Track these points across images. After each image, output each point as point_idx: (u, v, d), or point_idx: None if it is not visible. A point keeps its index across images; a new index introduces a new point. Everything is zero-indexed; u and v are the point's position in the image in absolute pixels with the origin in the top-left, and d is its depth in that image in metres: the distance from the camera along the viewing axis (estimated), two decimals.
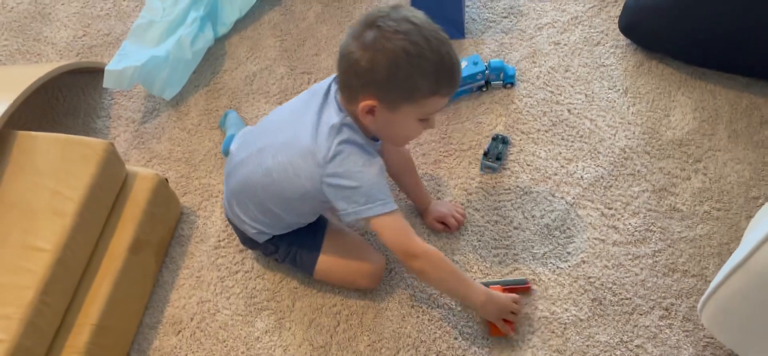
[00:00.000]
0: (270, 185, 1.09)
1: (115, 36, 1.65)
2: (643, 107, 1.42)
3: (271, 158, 1.08)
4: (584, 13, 1.60)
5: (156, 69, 1.43)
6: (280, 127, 1.11)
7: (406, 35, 0.97)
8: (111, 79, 1.39)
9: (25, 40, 1.66)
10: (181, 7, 1.52)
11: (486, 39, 1.57)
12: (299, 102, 1.12)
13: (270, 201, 1.12)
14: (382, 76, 0.98)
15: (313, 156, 1.02)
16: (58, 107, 1.53)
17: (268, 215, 1.14)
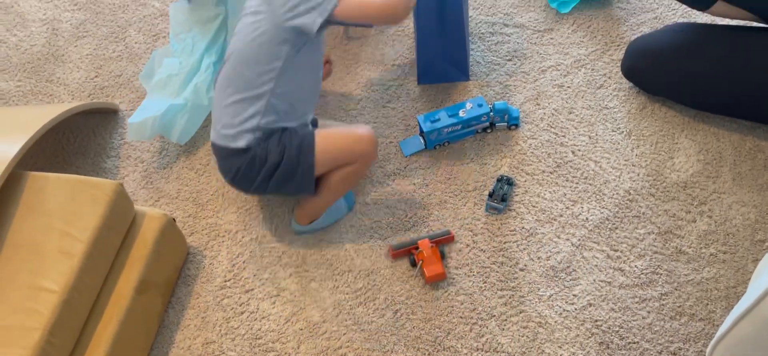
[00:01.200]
0: (246, 56, 1.22)
1: (127, 77, 1.68)
2: (647, 150, 1.43)
3: (239, 40, 1.24)
4: (587, 56, 1.62)
5: (175, 117, 1.47)
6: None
7: None
8: (133, 131, 1.43)
9: (38, 81, 1.69)
10: (196, 56, 1.57)
11: (490, 81, 1.60)
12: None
13: (252, 75, 1.21)
14: None
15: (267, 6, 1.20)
16: (68, 147, 1.55)
17: (256, 98, 1.22)
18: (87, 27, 1.80)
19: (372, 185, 1.43)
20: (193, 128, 1.51)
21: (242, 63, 1.24)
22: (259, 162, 1.23)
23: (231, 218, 1.41)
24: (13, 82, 1.70)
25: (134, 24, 1.80)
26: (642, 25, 1.67)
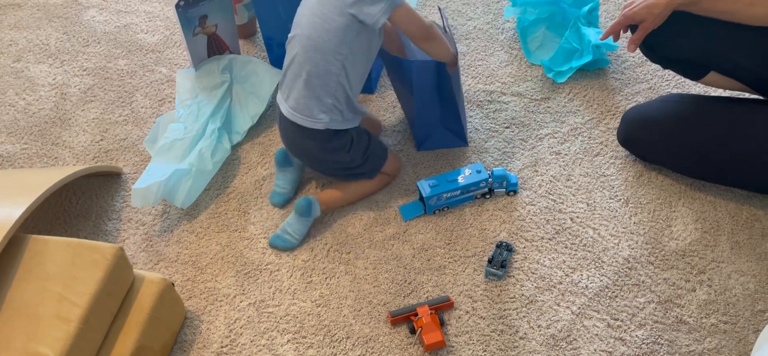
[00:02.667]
0: (318, 47, 1.31)
1: (132, 141, 1.71)
2: (645, 217, 1.44)
3: (308, 26, 1.33)
4: (583, 124, 1.65)
5: (179, 182, 1.49)
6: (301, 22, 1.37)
7: None
8: (138, 197, 1.45)
9: (44, 143, 1.72)
10: (201, 121, 1.60)
11: (489, 148, 1.62)
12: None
13: (327, 67, 1.32)
14: None
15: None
16: (70, 209, 1.56)
17: (322, 94, 1.34)
18: (95, 91, 1.84)
19: (371, 248, 1.44)
20: (197, 192, 1.53)
21: (313, 48, 1.33)
22: (346, 145, 1.42)
23: (229, 281, 1.41)
24: (20, 144, 1.72)
25: (141, 89, 1.84)
26: (637, 95, 1.71)
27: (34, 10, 2.11)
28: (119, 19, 2.06)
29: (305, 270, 1.42)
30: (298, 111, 1.37)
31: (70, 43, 1.99)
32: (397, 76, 1.56)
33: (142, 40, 1.98)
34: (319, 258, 1.43)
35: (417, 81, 1.47)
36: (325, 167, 1.49)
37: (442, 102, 1.53)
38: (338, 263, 1.42)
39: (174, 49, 1.95)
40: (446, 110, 1.56)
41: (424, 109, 1.55)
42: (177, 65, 1.90)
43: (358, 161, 1.45)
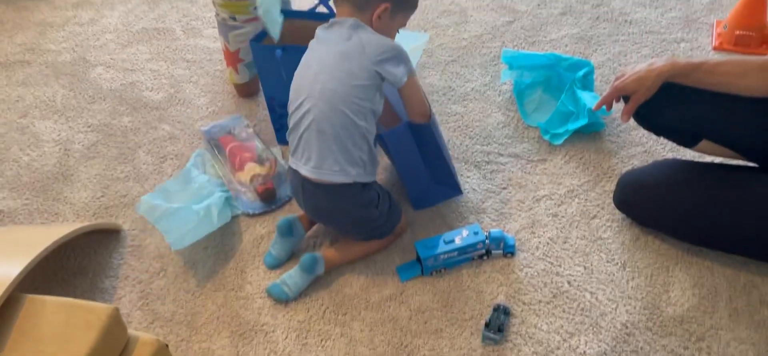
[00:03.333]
0: (345, 100, 1.34)
1: (132, 197, 1.72)
2: (643, 282, 1.44)
3: (332, 84, 1.34)
4: (580, 186, 1.67)
5: (183, 220, 1.50)
6: (316, 77, 1.37)
7: None
8: (144, 206, 1.51)
9: (45, 199, 1.74)
10: (214, 185, 1.68)
11: (486, 208, 1.63)
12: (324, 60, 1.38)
13: (355, 120, 1.35)
14: None
15: (359, 54, 1.33)
16: (68, 266, 1.57)
17: (350, 147, 1.36)
18: (98, 148, 1.87)
19: (368, 310, 1.43)
20: (191, 239, 1.52)
21: (340, 102, 1.35)
22: (362, 202, 1.43)
23: (224, 342, 1.40)
24: (21, 200, 1.74)
25: (144, 146, 1.87)
26: (632, 158, 1.72)
27: (43, 67, 2.17)
28: (125, 77, 2.10)
29: (300, 331, 1.41)
30: (327, 167, 1.37)
31: (76, 99, 2.03)
32: (385, 141, 1.58)
33: (146, 98, 2.02)
34: (315, 320, 1.43)
35: (396, 149, 1.51)
36: (353, 225, 1.48)
37: (427, 159, 1.56)
38: (334, 325, 1.41)
39: (178, 107, 1.98)
40: (433, 165, 1.57)
41: (411, 171, 1.57)
42: (179, 123, 1.93)
43: (383, 218, 1.47)
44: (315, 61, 1.39)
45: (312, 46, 1.43)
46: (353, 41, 1.35)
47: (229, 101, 1.99)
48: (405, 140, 1.50)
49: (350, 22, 1.36)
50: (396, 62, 1.36)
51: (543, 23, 2.23)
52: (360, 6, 1.36)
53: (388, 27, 1.40)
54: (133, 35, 2.30)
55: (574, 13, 2.26)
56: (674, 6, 2.27)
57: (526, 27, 2.21)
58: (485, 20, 2.26)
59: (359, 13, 1.37)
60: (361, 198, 1.42)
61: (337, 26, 1.39)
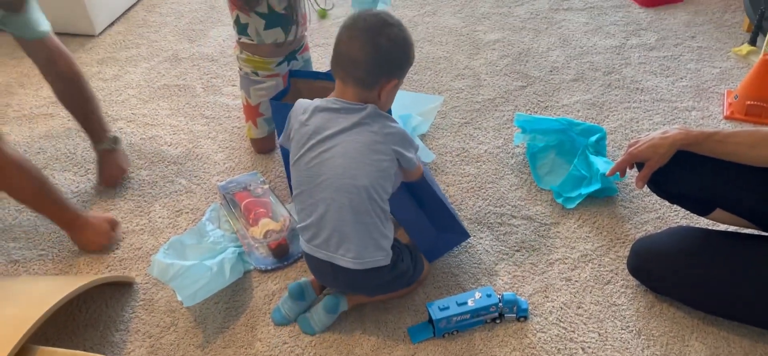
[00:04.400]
0: (370, 191, 1.34)
1: (146, 250, 1.73)
2: (658, 351, 1.42)
3: (360, 179, 1.34)
4: (593, 251, 1.66)
5: (195, 276, 1.50)
6: (336, 170, 1.36)
7: (401, 27, 1.35)
8: (157, 268, 1.50)
9: (60, 250, 1.75)
10: (227, 240, 1.70)
11: (499, 270, 1.62)
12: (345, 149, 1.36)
13: (383, 205, 1.37)
14: (404, 59, 1.37)
15: (384, 145, 1.33)
16: (79, 318, 1.57)
17: (384, 230, 1.38)
18: (115, 201, 1.90)
19: None
20: (204, 295, 1.52)
21: (366, 194, 1.34)
22: (389, 271, 1.42)
23: None
24: (37, 250, 1.76)
25: (160, 199, 1.89)
26: (646, 224, 1.72)
27: (65, 120, 2.22)
28: (145, 132, 2.15)
29: None
30: (368, 256, 1.37)
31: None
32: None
33: (165, 152, 2.06)
34: None
35: (398, 210, 1.53)
36: (386, 288, 1.50)
37: (428, 210, 1.58)
38: None
39: (195, 162, 2.02)
40: (435, 215, 1.59)
41: (416, 226, 1.58)
42: (196, 177, 1.96)
43: (411, 269, 1.49)
44: (339, 154, 1.34)
45: (323, 126, 1.36)
46: (376, 131, 1.33)
47: (246, 157, 2.02)
48: (404, 199, 1.53)
49: (369, 110, 1.34)
50: (410, 147, 1.38)
51: (555, 89, 2.26)
52: (367, 85, 1.34)
53: (392, 97, 1.42)
54: (154, 91, 2.36)
55: (586, 79, 2.30)
56: (685, 75, 2.30)
57: (539, 92, 2.25)
58: (498, 84, 2.30)
59: (366, 92, 1.35)
60: (392, 265, 1.43)
61: (354, 113, 1.34)
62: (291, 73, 1.79)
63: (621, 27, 2.60)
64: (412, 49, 1.38)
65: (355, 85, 1.34)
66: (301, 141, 1.39)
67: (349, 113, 1.34)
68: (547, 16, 2.69)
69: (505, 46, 2.51)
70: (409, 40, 1.37)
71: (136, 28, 2.75)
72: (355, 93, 1.35)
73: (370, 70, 1.32)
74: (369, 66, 1.32)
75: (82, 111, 1.87)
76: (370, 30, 1.31)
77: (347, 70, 1.34)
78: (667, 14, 2.66)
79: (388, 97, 1.38)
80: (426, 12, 2.77)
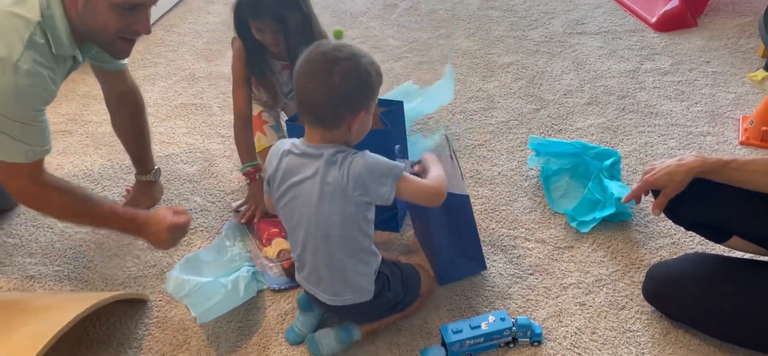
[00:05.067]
0: (342, 237, 1.32)
1: (160, 268, 1.74)
2: None
3: (326, 228, 1.31)
4: (608, 276, 1.65)
5: (209, 293, 1.51)
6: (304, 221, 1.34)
7: (353, 57, 1.26)
8: (172, 284, 1.51)
9: (76, 266, 1.77)
10: (243, 258, 1.71)
11: (512, 294, 1.62)
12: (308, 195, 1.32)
13: (359, 244, 1.34)
14: (363, 91, 1.28)
15: (342, 194, 1.28)
16: (93, 335, 1.58)
17: (363, 268, 1.37)
18: None
19: None
20: (217, 312, 1.52)
21: (342, 237, 1.33)
22: (378, 297, 1.41)
23: None
24: (52, 267, 1.77)
25: None
26: (661, 249, 1.71)
27: (84, 137, 2.25)
28: (162, 149, 2.17)
29: None
30: (344, 295, 1.38)
31: (113, 170, 2.10)
32: (416, 211, 1.60)
33: (180, 170, 2.08)
34: None
35: (434, 217, 1.52)
36: (373, 316, 1.49)
37: (460, 232, 1.58)
38: None
39: (210, 180, 2.03)
40: (465, 239, 1.60)
41: (443, 242, 1.58)
42: (211, 195, 1.97)
43: (401, 294, 1.47)
44: (305, 203, 1.32)
45: (290, 171, 1.34)
46: (339, 176, 1.28)
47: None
48: (439, 218, 1.53)
49: (325, 157, 1.29)
50: (380, 180, 1.28)
51: (569, 112, 2.27)
52: (332, 125, 1.28)
53: (367, 123, 1.33)
54: (171, 110, 2.39)
55: (600, 103, 2.30)
56: (699, 100, 2.30)
57: (553, 115, 2.25)
58: (512, 107, 2.31)
59: (334, 131, 1.29)
60: (377, 294, 1.41)
61: (315, 160, 1.30)
62: None
63: (635, 51, 2.60)
64: (370, 77, 1.28)
65: (321, 127, 1.29)
66: (275, 184, 1.38)
67: (311, 159, 1.30)
68: (561, 40, 2.70)
69: (519, 69, 2.52)
70: (365, 69, 1.27)
71: (155, 47, 2.79)
72: (322, 135, 1.30)
73: (330, 110, 1.26)
74: (328, 107, 1.26)
75: (139, 145, 1.92)
76: (321, 71, 1.24)
77: (309, 114, 1.29)
78: (682, 39, 2.66)
79: (360, 128, 1.31)
80: (440, 34, 2.79)
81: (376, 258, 1.40)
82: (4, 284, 1.72)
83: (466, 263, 1.64)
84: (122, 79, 1.81)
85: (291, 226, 1.38)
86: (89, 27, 1.44)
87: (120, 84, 1.82)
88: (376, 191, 1.28)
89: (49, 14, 1.40)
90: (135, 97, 1.86)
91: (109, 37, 1.46)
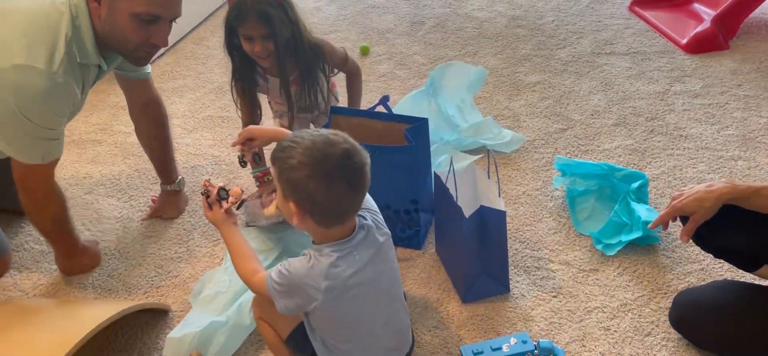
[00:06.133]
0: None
1: (183, 279, 1.76)
2: None
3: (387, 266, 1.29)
4: (633, 301, 1.61)
5: (214, 334, 1.49)
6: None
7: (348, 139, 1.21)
8: (171, 347, 1.47)
9: (100, 274, 1.79)
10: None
11: (535, 316, 1.59)
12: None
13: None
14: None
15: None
16: (114, 343, 1.59)
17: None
18: (155, 227, 1.94)
19: None
20: (232, 347, 1.51)
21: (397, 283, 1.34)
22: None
23: None
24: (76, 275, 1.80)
25: (199, 229, 1.92)
26: (688, 275, 1.67)
27: (113, 147, 2.29)
28: (188, 161, 2.20)
29: None
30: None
31: (140, 180, 2.13)
32: (445, 219, 1.61)
33: None
34: None
35: (467, 230, 1.52)
36: None
37: (490, 248, 1.57)
38: None
39: None
40: (493, 255, 1.59)
41: (471, 258, 1.57)
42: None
43: None
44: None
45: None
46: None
47: None
48: (470, 229, 1.53)
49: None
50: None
51: (596, 133, 2.24)
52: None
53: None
54: (198, 122, 2.42)
55: (628, 125, 2.27)
56: (730, 123, 2.25)
57: (579, 136, 2.23)
58: (538, 126, 2.29)
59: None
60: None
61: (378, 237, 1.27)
62: (332, 109, 1.82)
63: (665, 73, 2.56)
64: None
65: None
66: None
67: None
68: (589, 60, 2.67)
69: (545, 88, 2.50)
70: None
71: (184, 59, 2.84)
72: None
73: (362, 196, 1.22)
74: (363, 195, 1.22)
75: (164, 155, 1.96)
76: (350, 169, 1.16)
77: (349, 214, 1.23)
78: (713, 61, 2.61)
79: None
80: (467, 52, 2.79)
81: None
82: (30, 290, 1.76)
83: (490, 282, 1.62)
84: (146, 89, 1.85)
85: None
86: (111, 36, 1.49)
87: (144, 94, 1.85)
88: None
89: (77, 24, 1.44)
90: (158, 107, 1.89)
91: (131, 45, 1.50)
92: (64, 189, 2.08)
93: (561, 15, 3.03)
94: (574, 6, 3.11)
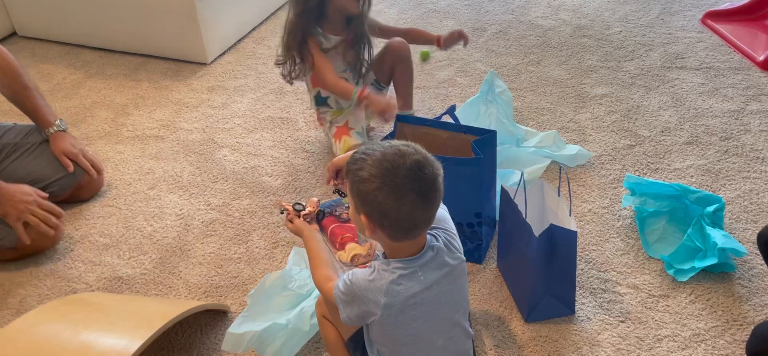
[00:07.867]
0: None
1: (242, 280, 1.76)
2: None
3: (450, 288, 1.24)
4: (706, 331, 1.53)
5: (272, 336, 1.48)
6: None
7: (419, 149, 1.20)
8: (230, 342, 1.47)
9: (162, 271, 1.81)
10: (309, 287, 1.64)
11: (602, 341, 1.53)
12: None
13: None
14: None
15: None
16: (175, 342, 1.60)
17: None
18: (216, 227, 1.95)
19: None
20: (290, 352, 1.50)
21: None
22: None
23: None
24: (140, 269, 1.82)
25: (258, 230, 1.93)
26: (766, 306, 1.58)
27: (175, 143, 2.32)
28: (248, 161, 2.21)
29: None
30: None
31: (201, 177, 2.15)
32: (511, 235, 1.58)
33: (265, 183, 2.11)
34: None
35: (535, 248, 1.47)
36: None
37: (558, 268, 1.52)
38: None
39: (294, 195, 2.05)
40: (561, 276, 1.54)
41: (538, 277, 1.53)
42: None
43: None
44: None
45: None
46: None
47: None
48: (540, 247, 1.48)
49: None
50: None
51: (667, 151, 2.14)
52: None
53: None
54: (259, 122, 2.43)
55: (701, 143, 2.17)
56: None
57: (649, 153, 2.14)
58: (605, 141, 2.21)
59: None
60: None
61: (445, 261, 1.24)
62: (398, 117, 1.79)
63: (740, 90, 2.44)
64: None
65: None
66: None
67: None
68: (658, 74, 2.57)
69: (612, 102, 2.41)
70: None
71: (245, 59, 2.87)
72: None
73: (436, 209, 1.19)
74: (435, 209, 1.18)
75: (30, 102, 1.96)
76: (420, 180, 1.13)
77: (420, 229, 1.19)
78: None
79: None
80: (530, 61, 2.72)
81: None
82: (94, 283, 1.79)
83: (555, 303, 1.57)
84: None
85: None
86: None
87: None
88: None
89: None
90: (4, 56, 1.90)
91: None
92: (128, 184, 2.14)
93: (629, 26, 2.93)
94: (643, 17, 3.00)
